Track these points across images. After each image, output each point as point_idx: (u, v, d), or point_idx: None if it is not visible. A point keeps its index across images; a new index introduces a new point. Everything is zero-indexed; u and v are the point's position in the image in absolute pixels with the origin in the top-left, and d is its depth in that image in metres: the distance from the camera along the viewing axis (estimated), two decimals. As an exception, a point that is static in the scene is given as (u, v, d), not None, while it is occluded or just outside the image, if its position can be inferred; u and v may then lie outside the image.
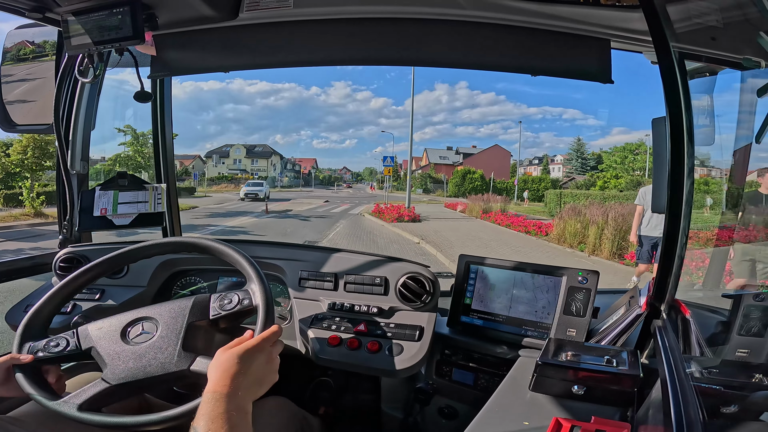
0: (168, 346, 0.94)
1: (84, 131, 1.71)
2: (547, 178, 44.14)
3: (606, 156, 41.83)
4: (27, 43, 1.64)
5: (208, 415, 0.73)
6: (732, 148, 1.33)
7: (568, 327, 1.24)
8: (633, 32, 1.28)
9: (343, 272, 1.42)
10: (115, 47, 1.32)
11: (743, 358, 0.92)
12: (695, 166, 0.99)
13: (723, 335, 1.05)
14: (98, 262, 1.10)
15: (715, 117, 1.27)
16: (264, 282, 1.01)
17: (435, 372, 1.45)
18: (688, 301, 1.10)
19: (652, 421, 0.76)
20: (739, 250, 1.90)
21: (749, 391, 0.84)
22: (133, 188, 1.68)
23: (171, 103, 1.95)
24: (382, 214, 18.13)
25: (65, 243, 1.69)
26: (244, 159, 58.07)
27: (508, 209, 21.75)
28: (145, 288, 1.50)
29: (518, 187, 38.51)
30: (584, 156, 44.84)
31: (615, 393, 0.90)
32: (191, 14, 1.38)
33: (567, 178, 43.31)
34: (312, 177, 67.72)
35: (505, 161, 53.50)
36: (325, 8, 1.40)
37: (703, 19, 1.01)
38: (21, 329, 0.99)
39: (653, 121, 1.07)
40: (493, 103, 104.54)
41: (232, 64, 1.58)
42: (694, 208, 1.03)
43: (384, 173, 23.36)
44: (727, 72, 1.20)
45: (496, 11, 1.33)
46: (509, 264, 1.35)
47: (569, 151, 46.31)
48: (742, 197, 1.40)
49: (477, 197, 25.79)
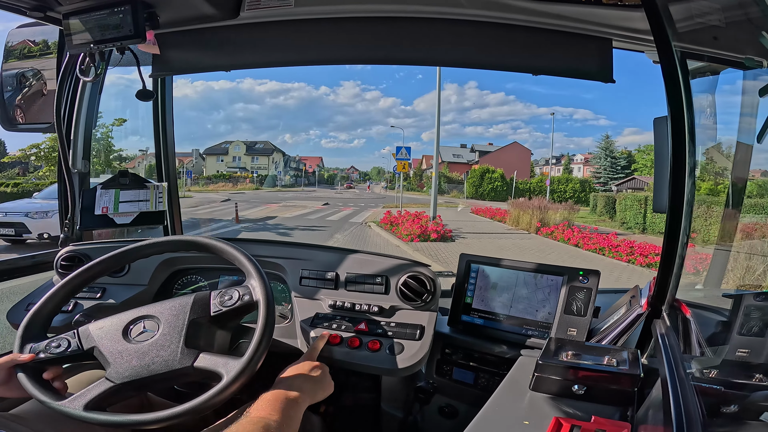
0: (171, 344, 0.94)
1: (85, 130, 1.71)
2: (574, 178, 39.74)
3: (639, 155, 37.99)
4: (28, 42, 1.64)
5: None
6: (733, 148, 1.33)
7: (568, 326, 1.24)
8: (635, 31, 1.28)
9: (344, 271, 1.42)
10: (116, 46, 1.33)
11: (744, 358, 0.92)
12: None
13: (723, 335, 1.05)
14: (99, 260, 1.10)
15: (717, 116, 1.27)
16: (264, 278, 1.02)
17: (435, 371, 1.46)
18: (688, 301, 1.10)
19: (652, 421, 0.76)
20: (741, 249, 1.89)
21: (749, 391, 0.84)
22: (134, 187, 1.69)
23: (172, 102, 1.95)
24: (396, 227, 13.19)
25: (66, 241, 1.69)
26: (243, 156, 56.33)
27: (573, 219, 16.11)
28: (146, 287, 1.50)
29: (550, 188, 34.34)
30: (614, 155, 38.98)
31: (615, 392, 0.90)
32: (192, 13, 1.38)
33: (595, 178, 39.11)
34: (316, 176, 67.45)
35: (525, 160, 48.64)
36: (326, 7, 1.40)
37: (705, 19, 1.01)
38: (22, 329, 0.99)
39: (655, 120, 1.07)
40: (503, 103, 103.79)
41: (233, 63, 1.58)
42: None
43: (397, 169, 17.66)
44: (729, 72, 1.20)
45: (498, 10, 1.32)
46: (510, 263, 1.35)
47: (596, 149, 41.38)
48: (744, 196, 1.40)
49: (521, 202, 18.39)
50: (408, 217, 13.68)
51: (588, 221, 18.40)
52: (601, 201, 21.85)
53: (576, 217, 17.22)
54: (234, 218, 15.82)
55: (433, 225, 12.74)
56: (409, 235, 11.95)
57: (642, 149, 38.35)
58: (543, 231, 14.02)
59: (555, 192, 33.90)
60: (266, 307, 0.97)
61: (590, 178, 39.74)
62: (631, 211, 16.90)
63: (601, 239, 11.35)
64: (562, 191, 34.57)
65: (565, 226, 13.57)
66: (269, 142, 58.53)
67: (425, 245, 11.14)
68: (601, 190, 33.04)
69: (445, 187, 44.07)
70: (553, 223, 14.72)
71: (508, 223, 16.92)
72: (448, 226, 13.19)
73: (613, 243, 10.78)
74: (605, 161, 38.65)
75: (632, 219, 16.65)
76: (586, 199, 27.79)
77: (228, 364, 0.91)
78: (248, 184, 46.59)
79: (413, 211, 14.96)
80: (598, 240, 11.34)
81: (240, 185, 45.52)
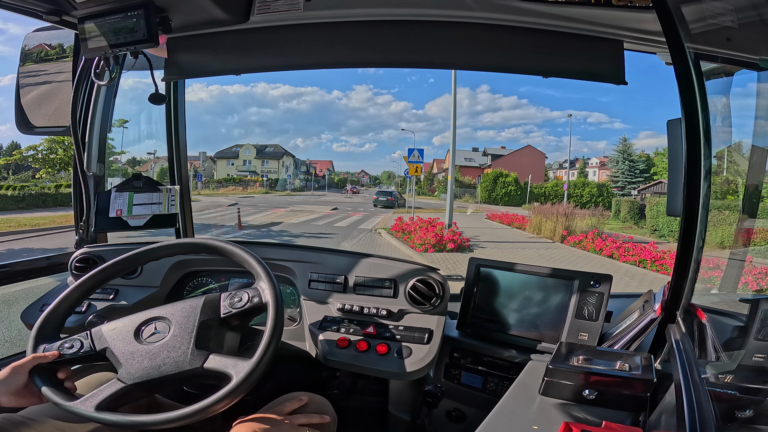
0: (181, 345, 0.95)
1: (100, 133, 1.74)
2: (591, 182, 38.76)
3: (658, 158, 36.04)
4: (44, 45, 1.67)
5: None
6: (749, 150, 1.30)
7: (579, 331, 1.22)
8: (646, 33, 1.27)
9: (353, 275, 1.42)
10: (130, 50, 1.35)
11: (760, 363, 0.90)
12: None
13: (740, 340, 1.03)
14: (112, 262, 1.12)
15: (732, 118, 1.25)
16: (273, 280, 1.02)
17: (443, 375, 1.45)
18: (704, 306, 1.08)
19: (665, 426, 0.75)
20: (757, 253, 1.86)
21: (765, 397, 0.83)
22: (147, 190, 1.71)
23: (185, 106, 1.98)
24: (409, 235, 12.04)
25: (81, 243, 1.72)
26: (254, 160, 56.53)
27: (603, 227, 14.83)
28: (158, 289, 1.52)
29: (567, 192, 33.17)
30: (632, 158, 37.08)
31: (627, 397, 0.89)
32: (203, 17, 1.40)
33: (612, 182, 37.56)
34: (326, 180, 67.46)
35: (539, 164, 47.31)
36: (336, 11, 1.41)
37: (718, 20, 0.99)
38: (35, 330, 1.01)
39: (669, 122, 1.06)
40: (516, 106, 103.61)
41: (243, 67, 1.60)
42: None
43: (409, 172, 16.23)
44: (743, 73, 1.18)
45: (508, 13, 1.32)
46: (520, 267, 1.34)
47: (612, 153, 39.54)
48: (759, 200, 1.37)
49: (543, 208, 16.82)
50: (421, 224, 12.31)
51: (612, 228, 17.57)
52: (624, 206, 21.09)
53: (601, 223, 16.00)
54: (237, 224, 15.21)
55: (449, 233, 11.54)
56: (423, 244, 10.92)
57: (661, 152, 36.42)
58: (570, 240, 12.90)
59: (571, 197, 32.72)
60: (275, 309, 0.98)
61: (607, 182, 38.65)
62: (664, 218, 15.82)
63: (638, 249, 10.28)
64: (578, 195, 33.68)
65: (595, 235, 12.43)
66: (279, 146, 58.74)
67: (441, 256, 10.18)
68: (620, 195, 32.12)
69: (457, 191, 41.86)
70: (580, 230, 13.69)
71: (528, 230, 15.87)
72: (464, 234, 12.14)
73: (655, 254, 9.72)
74: (623, 165, 37.20)
75: (665, 226, 15.81)
76: (604, 203, 27.14)
77: (237, 366, 0.91)
78: (258, 188, 46.76)
79: (426, 217, 13.93)
80: (636, 250, 10.25)
81: (250, 189, 45.66)
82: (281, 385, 1.39)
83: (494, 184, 37.82)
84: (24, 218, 14.92)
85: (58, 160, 23.21)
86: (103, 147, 1.76)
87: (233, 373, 0.90)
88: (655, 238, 14.69)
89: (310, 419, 1.04)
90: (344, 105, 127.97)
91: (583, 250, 11.94)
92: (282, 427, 0.97)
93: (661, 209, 16.17)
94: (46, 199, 20.15)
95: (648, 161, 37.37)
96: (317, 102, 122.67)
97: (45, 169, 23.40)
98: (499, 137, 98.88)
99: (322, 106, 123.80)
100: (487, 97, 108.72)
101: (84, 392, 0.94)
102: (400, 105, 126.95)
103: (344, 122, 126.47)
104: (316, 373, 1.69)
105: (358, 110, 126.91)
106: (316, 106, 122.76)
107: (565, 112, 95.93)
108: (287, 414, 1.04)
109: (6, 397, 0.91)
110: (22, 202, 19.27)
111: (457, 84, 14.19)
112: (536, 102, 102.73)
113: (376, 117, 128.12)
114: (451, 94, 14.14)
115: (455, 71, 12.77)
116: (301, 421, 1.02)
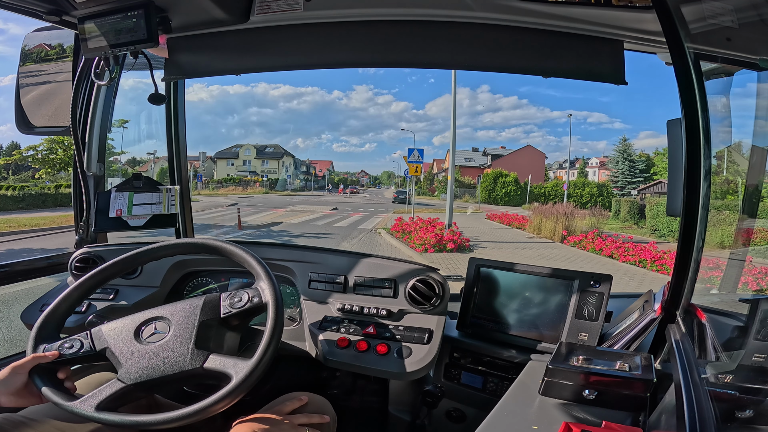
0: (181, 345, 0.95)
1: (100, 133, 1.74)
2: (591, 182, 38.50)
3: (658, 158, 35.58)
4: (45, 45, 1.67)
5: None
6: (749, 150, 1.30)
7: (579, 331, 1.22)
8: (646, 33, 1.27)
9: (353, 275, 1.42)
10: (130, 50, 1.35)
11: (760, 363, 0.90)
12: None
13: (740, 340, 1.03)
14: (112, 262, 1.12)
15: (732, 118, 1.25)
16: (273, 280, 1.02)
17: (443, 375, 1.45)
18: (704, 306, 1.08)
19: (665, 426, 0.74)
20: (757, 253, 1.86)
21: (765, 397, 0.83)
22: (147, 190, 1.71)
23: (185, 106, 1.98)
24: (409, 235, 12.05)
25: (81, 243, 1.72)
26: (254, 160, 56.43)
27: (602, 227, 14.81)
28: (158, 288, 1.52)
29: (567, 192, 33.18)
30: (632, 158, 36.86)
31: (627, 397, 0.89)
32: (203, 17, 1.40)
33: (612, 182, 37.37)
34: (326, 180, 67.36)
35: (539, 164, 47.12)
36: (336, 11, 1.41)
37: (718, 20, 0.99)
38: (35, 330, 1.01)
39: (669, 122, 1.06)
40: (516, 106, 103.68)
41: (243, 67, 1.60)
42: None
43: (409, 172, 16.10)
44: (743, 73, 1.18)
45: (508, 13, 1.32)
46: (520, 267, 1.34)
47: (612, 153, 39.14)
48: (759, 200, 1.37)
49: (543, 207, 16.78)
50: (421, 224, 12.33)
51: (612, 228, 17.60)
52: (624, 206, 21.13)
53: (601, 223, 16.07)
54: (237, 224, 15.16)
55: (449, 233, 11.57)
56: (423, 244, 10.96)
57: (661, 152, 35.98)
58: (570, 240, 12.95)
59: (571, 197, 32.74)
60: (275, 309, 0.98)
61: (607, 182, 38.53)
62: (664, 218, 15.82)
63: (638, 249, 10.32)
64: (578, 195, 33.65)
65: (595, 234, 12.48)
66: (279, 146, 58.74)
67: (441, 256, 10.24)
68: (620, 195, 32.05)
69: (457, 191, 41.67)
70: (580, 230, 13.68)
71: (528, 230, 15.86)
72: (464, 234, 12.17)
73: (655, 254, 9.69)
74: (623, 165, 37.06)
75: (665, 226, 15.79)
76: (604, 203, 27.09)
77: (237, 366, 0.91)
78: (258, 188, 46.76)
79: (426, 217, 13.85)
80: (636, 250, 10.28)
81: (250, 189, 45.64)
82: (281, 385, 1.39)
83: (494, 184, 37.81)
84: (24, 218, 14.91)
85: (58, 160, 23.20)
86: (103, 147, 1.76)
87: (233, 373, 0.90)
88: (655, 238, 14.76)
89: (310, 419, 1.04)
90: (344, 105, 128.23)
91: (583, 250, 12.02)
92: (282, 426, 0.97)
93: (661, 209, 16.20)
94: (46, 200, 20.14)
95: (648, 161, 37.26)
96: (317, 102, 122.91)
97: (45, 169, 23.39)
98: (499, 137, 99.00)
99: (323, 106, 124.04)
100: (488, 97, 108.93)
101: (84, 392, 0.94)
102: (400, 105, 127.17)
103: (344, 122, 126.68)
104: (316, 373, 1.69)
105: (359, 110, 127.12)
106: (317, 106, 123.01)
107: (565, 112, 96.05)
108: (287, 414, 1.04)
109: (6, 397, 0.91)
110: (22, 202, 19.28)
111: (457, 84, 14.20)
112: (536, 102, 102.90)
113: (377, 117, 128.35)
114: (451, 94, 14.15)
115: (455, 71, 12.79)
116: (301, 421, 1.02)
